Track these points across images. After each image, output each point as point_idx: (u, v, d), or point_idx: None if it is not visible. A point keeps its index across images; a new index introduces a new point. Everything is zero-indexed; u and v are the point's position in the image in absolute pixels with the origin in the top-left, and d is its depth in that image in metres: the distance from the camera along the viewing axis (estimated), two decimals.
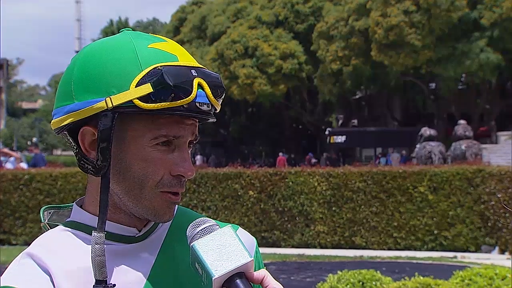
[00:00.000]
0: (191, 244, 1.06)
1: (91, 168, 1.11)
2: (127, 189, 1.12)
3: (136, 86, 1.06)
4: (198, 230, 1.07)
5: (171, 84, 1.06)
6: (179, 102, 1.07)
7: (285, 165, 30.14)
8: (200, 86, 1.09)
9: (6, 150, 19.04)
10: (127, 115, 1.09)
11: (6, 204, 13.65)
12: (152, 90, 1.06)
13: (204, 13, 43.68)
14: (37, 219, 13.48)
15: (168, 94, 1.06)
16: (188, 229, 1.09)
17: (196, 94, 1.08)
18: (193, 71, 1.09)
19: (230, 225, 1.11)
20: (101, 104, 1.07)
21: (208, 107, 1.11)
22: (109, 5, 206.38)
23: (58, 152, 75.10)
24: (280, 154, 39.21)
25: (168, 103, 1.06)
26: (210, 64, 36.91)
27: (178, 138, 1.12)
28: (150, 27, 71.55)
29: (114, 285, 1.08)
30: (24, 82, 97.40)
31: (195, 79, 1.08)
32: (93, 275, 1.07)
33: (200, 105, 1.09)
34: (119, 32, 1.17)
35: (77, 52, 1.21)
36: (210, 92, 1.10)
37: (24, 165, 16.94)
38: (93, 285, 1.06)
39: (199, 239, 1.06)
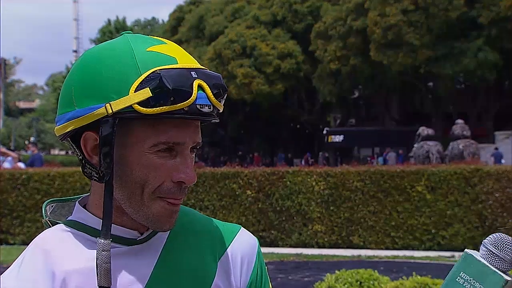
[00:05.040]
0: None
1: (95, 174, 1.11)
2: (128, 195, 1.11)
3: (135, 91, 1.05)
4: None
5: (170, 88, 1.05)
6: (178, 106, 1.05)
7: (259, 164, 31.54)
8: (200, 87, 1.08)
9: (3, 149, 18.98)
10: (127, 121, 1.08)
11: (4, 203, 13.63)
12: (151, 95, 1.05)
13: (202, 13, 43.69)
14: (34, 218, 13.47)
15: (167, 98, 1.05)
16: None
17: (197, 96, 1.07)
18: (193, 72, 1.08)
19: None
20: (101, 110, 1.07)
21: (210, 108, 1.09)
22: (107, 4, 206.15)
23: (55, 151, 75.10)
24: (256, 154, 40.32)
25: (168, 107, 1.05)
26: (208, 64, 36.89)
27: (179, 145, 1.10)
28: (148, 26, 71.49)
29: None
30: (21, 82, 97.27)
31: (195, 81, 1.07)
32: (95, 279, 1.07)
33: (201, 107, 1.08)
34: (117, 33, 1.17)
35: (75, 51, 1.21)
36: (211, 93, 1.09)
37: (21, 164, 16.92)
38: None
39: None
